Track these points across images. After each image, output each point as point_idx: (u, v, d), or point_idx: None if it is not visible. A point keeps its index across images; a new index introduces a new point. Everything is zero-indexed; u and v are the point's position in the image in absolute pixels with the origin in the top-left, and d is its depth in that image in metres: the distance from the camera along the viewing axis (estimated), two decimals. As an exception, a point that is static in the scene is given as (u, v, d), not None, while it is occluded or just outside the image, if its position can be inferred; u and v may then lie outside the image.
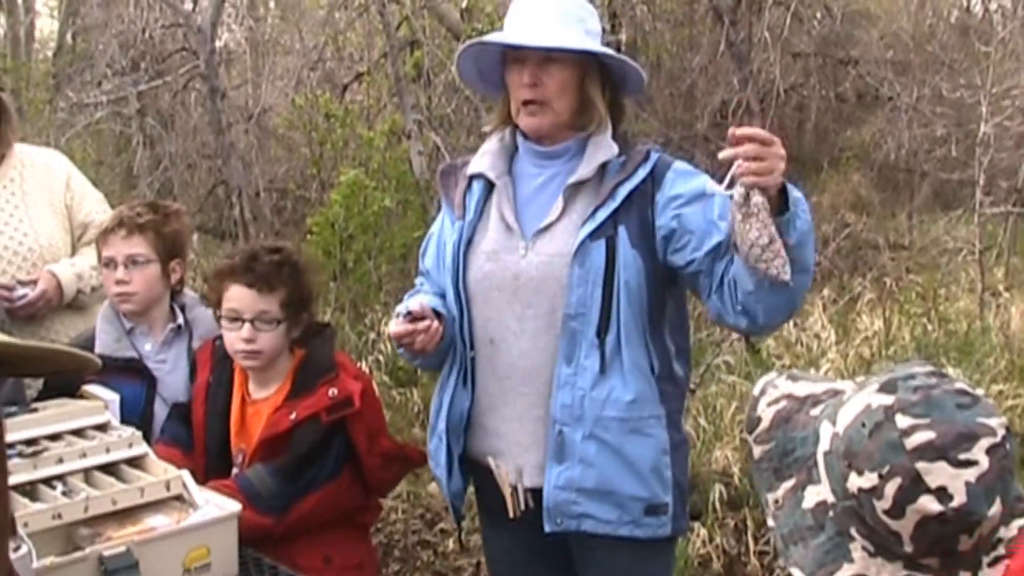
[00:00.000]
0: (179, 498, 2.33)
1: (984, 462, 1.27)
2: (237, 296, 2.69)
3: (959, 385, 1.34)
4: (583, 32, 2.41)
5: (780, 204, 2.16)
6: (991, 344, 5.77)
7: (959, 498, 1.26)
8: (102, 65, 9.02)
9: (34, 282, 3.22)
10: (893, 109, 9.78)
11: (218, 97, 7.85)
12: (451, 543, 4.60)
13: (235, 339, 2.69)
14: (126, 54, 8.84)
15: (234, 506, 2.33)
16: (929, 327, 6.12)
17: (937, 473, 1.27)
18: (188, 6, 8.93)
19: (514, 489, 2.45)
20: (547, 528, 2.42)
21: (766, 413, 1.49)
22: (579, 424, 2.37)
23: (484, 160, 2.52)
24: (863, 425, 1.32)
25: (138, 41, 8.88)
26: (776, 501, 1.45)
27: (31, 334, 3.16)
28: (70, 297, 3.29)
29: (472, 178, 2.54)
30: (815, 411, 1.45)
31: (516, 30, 2.41)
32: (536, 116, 2.42)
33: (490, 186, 2.51)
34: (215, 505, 2.33)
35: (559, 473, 2.39)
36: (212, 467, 2.71)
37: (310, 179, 8.62)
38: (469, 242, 2.48)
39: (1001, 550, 1.34)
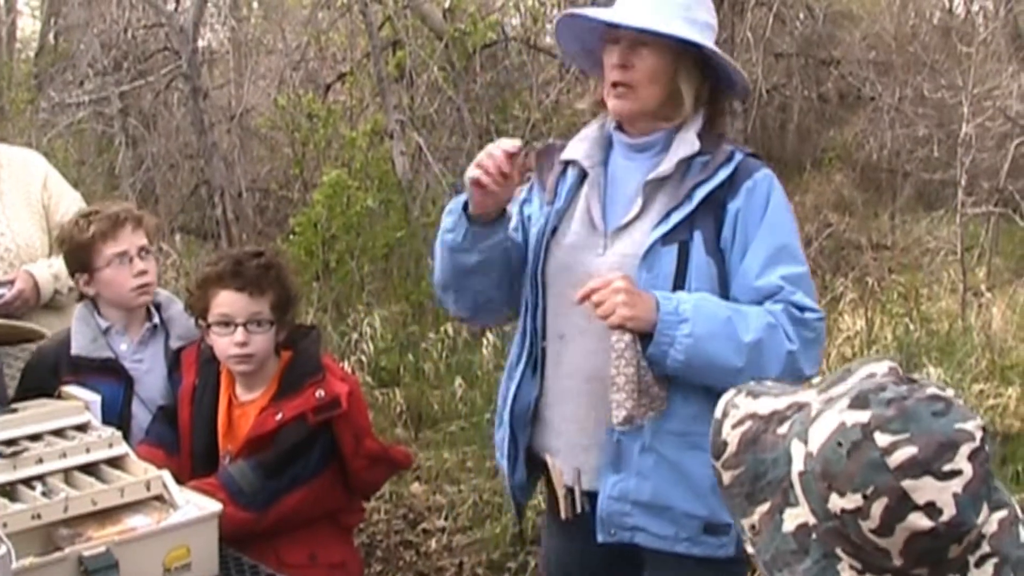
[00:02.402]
0: (159, 498, 2.32)
1: (968, 470, 1.25)
2: (227, 301, 2.66)
3: (930, 391, 1.31)
4: (683, 19, 2.27)
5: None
6: (972, 344, 5.79)
7: (949, 511, 1.24)
8: (84, 65, 9.00)
9: (11, 282, 3.20)
10: (875, 109, 9.85)
11: (200, 97, 7.83)
12: (433, 543, 4.60)
13: (228, 344, 2.66)
14: (108, 54, 8.82)
15: (215, 506, 2.32)
16: (911, 327, 6.15)
17: (924, 489, 1.24)
18: (170, 6, 8.91)
19: (569, 490, 2.38)
20: (600, 538, 2.34)
21: (731, 436, 1.43)
22: (638, 434, 2.26)
23: (581, 147, 2.42)
24: (839, 444, 1.28)
25: (120, 41, 8.87)
26: (752, 527, 1.40)
27: (7, 334, 3.14)
28: (47, 297, 3.27)
29: (567, 164, 2.44)
30: (782, 429, 1.40)
31: (615, 9, 2.31)
32: (622, 99, 2.31)
33: (582, 175, 2.41)
34: (195, 505, 2.31)
35: (614, 483, 2.30)
36: (199, 470, 2.69)
37: (292, 179, 8.61)
38: (554, 231, 2.39)
39: (985, 547, 1.32)
